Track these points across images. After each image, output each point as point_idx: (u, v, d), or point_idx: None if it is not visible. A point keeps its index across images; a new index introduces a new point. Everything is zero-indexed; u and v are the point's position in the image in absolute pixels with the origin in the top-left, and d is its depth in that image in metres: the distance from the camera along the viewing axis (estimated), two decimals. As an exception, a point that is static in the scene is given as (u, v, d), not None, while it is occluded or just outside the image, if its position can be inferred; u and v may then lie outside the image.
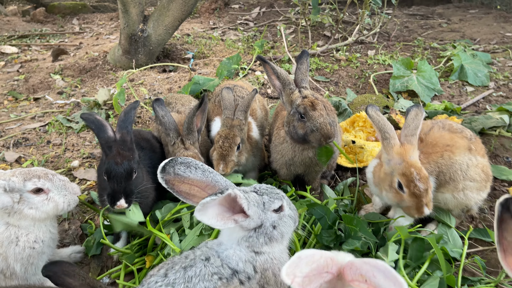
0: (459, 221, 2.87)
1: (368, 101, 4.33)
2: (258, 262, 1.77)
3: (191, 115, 2.80)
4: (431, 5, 8.42)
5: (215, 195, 1.56)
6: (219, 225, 1.63)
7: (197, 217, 1.57)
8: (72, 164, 3.70)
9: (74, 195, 2.33)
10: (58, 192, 2.26)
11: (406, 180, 2.30)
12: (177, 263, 1.67)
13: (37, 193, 2.20)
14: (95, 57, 6.09)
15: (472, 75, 4.90)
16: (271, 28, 7.16)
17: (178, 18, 5.47)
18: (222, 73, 4.93)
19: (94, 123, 2.48)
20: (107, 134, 2.46)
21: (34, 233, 2.23)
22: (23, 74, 5.86)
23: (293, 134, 2.68)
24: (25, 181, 2.17)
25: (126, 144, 2.46)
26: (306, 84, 2.76)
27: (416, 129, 2.39)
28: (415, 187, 2.28)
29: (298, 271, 1.34)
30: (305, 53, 2.82)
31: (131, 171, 2.39)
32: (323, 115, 2.57)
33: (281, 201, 1.86)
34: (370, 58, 5.60)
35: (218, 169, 2.75)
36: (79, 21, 8.78)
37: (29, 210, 2.18)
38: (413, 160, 2.32)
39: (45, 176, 2.24)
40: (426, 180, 2.30)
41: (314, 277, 1.38)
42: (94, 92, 5.10)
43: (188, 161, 1.79)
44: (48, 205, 2.22)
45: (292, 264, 1.35)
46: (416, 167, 2.30)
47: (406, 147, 2.35)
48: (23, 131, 4.28)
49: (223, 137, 2.78)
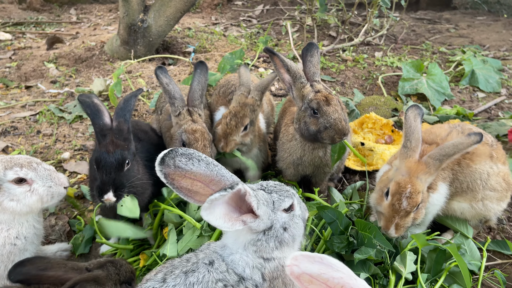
0: (476, 231, 2.68)
1: (376, 103, 4.14)
2: (267, 270, 1.56)
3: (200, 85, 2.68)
4: (437, 10, 8.30)
5: (225, 191, 1.34)
6: (226, 226, 1.41)
7: (203, 217, 1.35)
8: (62, 155, 3.48)
9: (60, 187, 2.09)
10: (42, 183, 2.02)
11: (395, 189, 2.13)
12: (177, 267, 1.45)
13: (19, 184, 1.97)
14: (92, 46, 5.85)
15: (483, 81, 4.74)
16: (275, 26, 6.97)
17: (181, 10, 5.25)
18: (224, 67, 4.72)
19: (90, 107, 2.25)
20: (103, 121, 2.23)
21: (16, 228, 2.01)
22: (15, 61, 5.61)
23: (304, 131, 2.47)
24: (6, 169, 1.94)
25: (122, 133, 2.23)
26: (318, 78, 2.55)
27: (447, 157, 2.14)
28: (398, 201, 2.11)
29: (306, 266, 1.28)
30: (314, 45, 2.59)
31: (122, 161, 2.16)
32: (337, 110, 2.37)
33: (292, 199, 1.65)
34: (378, 60, 5.43)
35: (218, 146, 2.60)
36: (77, 11, 8.53)
37: (10, 203, 1.95)
38: (417, 181, 2.12)
39: (28, 165, 2.00)
40: (414, 205, 2.10)
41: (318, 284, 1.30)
42: (89, 82, 4.87)
43: (190, 152, 1.54)
44: (31, 197, 1.99)
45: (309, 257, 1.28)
46: (414, 187, 2.10)
47: (421, 166, 2.15)
48: (12, 120, 4.05)
49: (232, 114, 2.60)
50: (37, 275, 1.74)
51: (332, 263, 1.30)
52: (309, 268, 1.28)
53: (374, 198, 2.32)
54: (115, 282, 1.80)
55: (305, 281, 1.34)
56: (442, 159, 2.12)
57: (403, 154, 2.21)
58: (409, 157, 2.18)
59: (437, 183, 2.31)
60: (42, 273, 1.74)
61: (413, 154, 2.18)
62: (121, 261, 1.92)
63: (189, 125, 2.53)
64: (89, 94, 2.37)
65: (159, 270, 1.48)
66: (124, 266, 1.89)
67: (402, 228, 2.14)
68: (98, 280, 1.71)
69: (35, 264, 1.77)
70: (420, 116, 2.28)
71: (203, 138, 2.50)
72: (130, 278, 1.88)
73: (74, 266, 1.82)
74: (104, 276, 1.76)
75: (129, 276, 1.88)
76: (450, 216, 2.57)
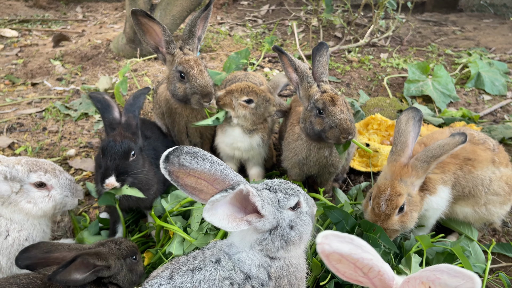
0: (481, 234, 2.67)
1: (381, 104, 4.14)
2: (273, 269, 1.56)
3: (195, 18, 2.72)
4: (443, 12, 8.27)
5: (226, 191, 1.33)
6: (231, 227, 1.41)
7: (206, 218, 1.34)
8: (68, 152, 3.49)
9: (75, 199, 2.15)
10: (61, 191, 2.08)
11: (375, 193, 2.14)
12: (184, 264, 1.46)
13: (39, 188, 2.01)
14: (98, 44, 5.87)
15: (489, 84, 4.72)
16: (280, 26, 6.97)
17: (187, 9, 5.26)
18: (230, 67, 4.72)
19: (101, 102, 2.31)
20: (113, 115, 2.29)
21: (28, 230, 2.04)
22: (22, 58, 5.64)
23: (309, 131, 2.48)
24: (30, 172, 1.98)
25: (131, 127, 2.28)
26: (326, 78, 2.55)
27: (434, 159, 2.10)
28: (377, 204, 2.11)
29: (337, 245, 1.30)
30: (324, 45, 2.59)
31: (128, 150, 2.18)
32: (343, 110, 2.37)
33: (298, 197, 1.64)
34: (383, 61, 5.42)
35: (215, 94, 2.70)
36: (83, 9, 8.56)
37: (26, 204, 1.98)
38: (398, 184, 2.10)
39: (52, 171, 2.05)
40: (393, 207, 2.08)
41: (346, 263, 1.34)
42: (95, 80, 4.89)
43: (195, 151, 1.54)
44: (48, 203, 2.03)
45: (339, 236, 1.30)
46: (394, 190, 2.08)
47: (406, 169, 2.12)
48: (18, 116, 4.06)
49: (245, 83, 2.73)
50: (43, 258, 1.79)
51: (362, 244, 1.32)
52: (340, 247, 1.29)
53: (363, 204, 2.35)
54: (118, 257, 1.87)
55: (334, 260, 1.35)
56: (430, 161, 2.09)
57: (389, 158, 2.21)
58: (394, 161, 2.17)
59: (437, 186, 2.29)
60: (48, 256, 1.79)
61: (398, 158, 2.16)
62: (120, 239, 2.00)
63: (182, 57, 2.67)
64: (100, 92, 2.44)
65: (166, 267, 1.49)
66: (124, 242, 1.96)
67: (388, 230, 2.13)
68: (100, 255, 1.75)
69: (40, 248, 1.81)
70: (416, 119, 2.22)
71: (197, 64, 2.65)
72: (133, 252, 1.96)
73: (78, 246, 1.89)
74: (106, 251, 1.82)
75: (131, 250, 1.96)
76: (454, 219, 2.56)
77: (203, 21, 2.82)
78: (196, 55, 2.76)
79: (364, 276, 1.37)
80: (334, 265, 1.37)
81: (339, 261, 1.35)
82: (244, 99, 2.67)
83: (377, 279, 1.36)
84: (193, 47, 2.78)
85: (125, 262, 1.90)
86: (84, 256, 1.65)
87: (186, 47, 2.74)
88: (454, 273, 1.14)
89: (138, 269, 1.98)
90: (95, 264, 1.71)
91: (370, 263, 1.32)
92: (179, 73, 2.66)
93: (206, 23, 2.86)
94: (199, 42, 2.85)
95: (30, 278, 1.72)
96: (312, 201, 1.77)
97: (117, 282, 1.85)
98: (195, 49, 2.80)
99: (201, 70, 2.63)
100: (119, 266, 1.85)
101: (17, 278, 1.71)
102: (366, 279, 1.38)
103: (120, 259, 1.87)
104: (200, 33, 2.85)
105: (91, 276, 1.71)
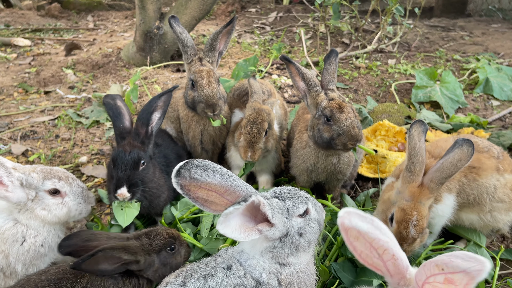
0: (489, 240, 2.68)
1: (389, 110, 4.16)
2: (283, 275, 1.60)
3: (217, 33, 2.79)
4: (451, 17, 8.26)
5: (238, 204, 1.38)
6: (243, 237, 1.45)
7: (219, 230, 1.38)
8: (80, 160, 3.56)
9: (88, 205, 2.21)
10: (74, 198, 2.14)
11: (401, 217, 2.08)
12: (196, 271, 1.50)
13: (53, 195, 2.08)
14: (109, 53, 5.98)
15: (498, 89, 4.71)
16: (288, 33, 7.03)
17: (196, 17, 5.35)
18: (238, 74, 4.78)
19: (113, 110, 2.35)
20: (123, 124, 2.33)
21: (43, 235, 2.10)
22: (34, 67, 5.76)
23: (317, 138, 2.51)
24: (45, 179, 2.05)
25: (140, 136, 2.33)
26: (334, 86, 2.58)
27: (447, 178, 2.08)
28: (405, 229, 2.07)
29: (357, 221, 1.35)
30: (334, 53, 2.63)
31: (138, 160, 2.23)
32: (350, 117, 2.40)
33: (306, 204, 1.68)
34: (391, 67, 5.44)
35: (246, 156, 2.64)
36: (94, 17, 8.71)
37: (41, 211, 2.05)
38: (422, 207, 2.08)
39: (65, 179, 2.12)
40: (420, 230, 2.07)
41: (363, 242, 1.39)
42: (106, 88, 4.98)
43: (205, 164, 1.58)
44: (62, 209, 2.09)
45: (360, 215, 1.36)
46: (420, 214, 2.07)
47: (424, 191, 2.09)
48: (31, 124, 4.15)
49: (251, 122, 2.66)
50: (83, 246, 1.82)
51: (381, 227, 1.37)
52: (359, 224, 1.34)
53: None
54: (149, 252, 1.84)
55: (352, 236, 1.41)
56: (444, 182, 2.09)
57: (406, 178, 2.13)
58: (413, 182, 2.11)
59: (442, 194, 2.30)
60: (87, 244, 1.83)
61: (417, 178, 2.11)
62: (156, 230, 1.94)
63: (197, 67, 2.76)
64: (114, 95, 2.45)
65: (178, 274, 1.53)
66: (159, 235, 1.91)
67: (409, 253, 2.13)
68: (128, 249, 1.75)
69: (80, 236, 1.86)
70: (424, 133, 2.20)
71: (208, 75, 2.72)
72: (169, 244, 1.91)
73: (117, 235, 1.90)
74: (136, 246, 1.81)
75: (167, 242, 1.90)
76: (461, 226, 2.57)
77: (225, 36, 2.89)
78: (213, 68, 2.82)
79: (378, 258, 1.41)
80: (352, 242, 1.42)
81: (357, 239, 1.39)
82: (263, 137, 2.69)
83: (391, 263, 1.40)
84: (213, 59, 2.85)
85: (158, 257, 1.87)
86: (107, 251, 1.67)
87: (205, 59, 2.82)
88: (468, 257, 1.19)
89: (173, 261, 1.93)
90: (122, 258, 1.72)
91: (385, 245, 1.36)
92: (191, 82, 2.74)
93: (229, 39, 2.93)
94: (220, 56, 2.92)
95: (61, 273, 1.76)
96: (320, 207, 1.80)
97: (147, 277, 1.85)
98: (215, 62, 2.87)
99: (210, 81, 2.70)
100: (149, 261, 1.83)
101: (48, 274, 1.75)
102: (380, 262, 1.42)
103: (151, 255, 1.84)
104: (222, 48, 2.92)
105: (120, 268, 1.74)
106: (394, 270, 1.41)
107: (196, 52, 2.84)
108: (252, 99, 2.84)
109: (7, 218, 2.04)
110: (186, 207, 2.55)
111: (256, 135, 2.64)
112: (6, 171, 1.93)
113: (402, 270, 1.40)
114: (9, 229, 2.02)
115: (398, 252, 1.37)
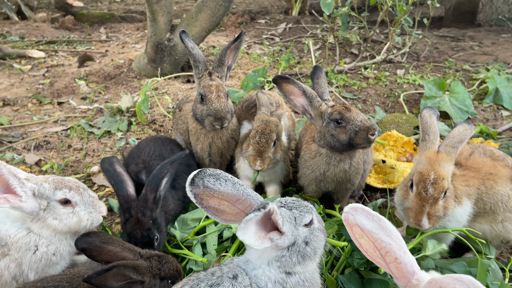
0: (499, 251, 2.66)
1: (398, 120, 4.16)
2: (288, 284, 1.62)
3: (225, 48, 2.85)
4: (461, 27, 8.24)
5: (258, 211, 1.42)
6: (258, 244, 1.47)
7: (239, 237, 1.43)
8: (91, 169, 3.62)
9: (99, 214, 2.24)
10: (84, 208, 2.18)
11: (419, 178, 2.14)
12: (202, 280, 1.52)
13: (64, 205, 2.12)
14: (120, 64, 6.08)
15: (508, 99, 4.69)
16: (297, 44, 7.08)
17: (206, 29, 5.43)
18: (247, 85, 4.84)
19: (114, 178, 2.38)
20: (127, 192, 2.36)
21: (55, 244, 2.14)
22: (48, 78, 5.89)
23: (334, 144, 2.53)
24: (56, 189, 2.09)
25: (147, 203, 2.35)
26: (327, 96, 2.72)
27: (460, 143, 2.24)
28: (423, 188, 2.11)
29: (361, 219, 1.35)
30: (318, 68, 2.80)
31: (151, 241, 2.27)
32: (359, 113, 2.49)
33: (311, 214, 1.71)
34: (400, 77, 5.45)
35: (255, 165, 2.70)
36: (106, 29, 8.87)
37: (53, 221, 2.09)
38: (439, 168, 2.14)
39: (76, 189, 2.16)
40: (440, 190, 2.10)
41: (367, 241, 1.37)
42: (117, 98, 5.06)
43: (218, 173, 1.63)
44: (72, 219, 2.13)
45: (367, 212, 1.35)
46: (438, 174, 2.11)
47: (441, 155, 2.19)
48: (45, 134, 4.24)
49: (260, 132, 2.72)
50: (99, 246, 1.87)
51: (387, 227, 1.34)
52: (362, 222, 1.33)
53: (399, 195, 2.34)
54: (154, 276, 1.85)
55: (356, 233, 1.41)
56: (457, 146, 2.22)
57: (422, 147, 2.27)
58: (428, 149, 2.23)
59: (462, 197, 2.32)
60: (103, 246, 1.87)
61: (432, 145, 2.23)
62: (168, 257, 1.97)
63: (207, 81, 2.82)
64: (111, 159, 2.46)
65: (185, 283, 1.55)
66: (169, 263, 1.93)
67: (434, 217, 2.12)
68: (137, 269, 1.77)
69: (99, 236, 1.90)
70: (435, 115, 2.36)
71: (217, 90, 2.78)
72: (173, 276, 1.93)
73: (131, 247, 1.93)
74: (145, 266, 1.83)
75: (172, 274, 1.92)
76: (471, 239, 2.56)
77: (233, 52, 2.96)
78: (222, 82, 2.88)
79: (381, 259, 1.40)
80: (357, 239, 1.42)
81: (361, 236, 1.39)
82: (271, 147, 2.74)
83: (394, 265, 1.39)
84: (222, 74, 2.92)
85: (160, 283, 1.87)
86: (121, 268, 1.70)
87: (215, 74, 2.89)
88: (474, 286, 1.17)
89: None
90: (130, 276, 1.75)
91: (388, 247, 1.34)
92: (200, 96, 2.80)
93: (237, 54, 2.99)
94: (229, 70, 2.99)
95: (57, 280, 1.79)
96: (320, 218, 1.84)
97: None
98: (224, 76, 2.94)
99: (219, 96, 2.76)
100: (152, 284, 1.84)
101: (44, 281, 1.79)
102: (384, 263, 1.41)
103: (156, 278, 1.86)
104: (230, 63, 2.99)
105: (125, 285, 1.76)
106: (398, 274, 1.40)
107: (206, 67, 2.91)
108: (260, 111, 2.89)
109: (21, 227, 2.09)
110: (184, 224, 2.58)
111: (264, 145, 2.69)
112: (19, 182, 1.98)
113: (407, 275, 1.38)
114: (22, 238, 2.06)
115: (401, 256, 1.36)
